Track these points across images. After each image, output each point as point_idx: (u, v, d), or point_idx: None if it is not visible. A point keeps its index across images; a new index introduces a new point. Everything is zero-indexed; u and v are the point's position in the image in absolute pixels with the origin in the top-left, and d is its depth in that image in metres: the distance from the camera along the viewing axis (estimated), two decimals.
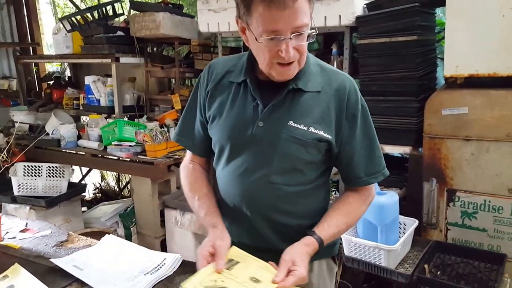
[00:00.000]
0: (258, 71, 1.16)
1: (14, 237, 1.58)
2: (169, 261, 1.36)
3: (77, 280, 1.26)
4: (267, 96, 1.13)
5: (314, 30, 1.04)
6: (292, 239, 1.19)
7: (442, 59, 2.64)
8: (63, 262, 1.34)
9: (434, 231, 2.19)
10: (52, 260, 1.35)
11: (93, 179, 4.82)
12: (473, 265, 1.96)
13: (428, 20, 2.37)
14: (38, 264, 1.36)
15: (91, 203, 4.22)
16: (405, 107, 2.30)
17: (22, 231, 1.64)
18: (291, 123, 1.11)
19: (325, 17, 2.44)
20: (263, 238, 1.22)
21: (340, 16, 2.40)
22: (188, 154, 1.35)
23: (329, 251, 1.30)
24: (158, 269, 1.33)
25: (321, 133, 1.11)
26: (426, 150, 2.16)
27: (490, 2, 1.90)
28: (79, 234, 1.64)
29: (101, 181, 4.94)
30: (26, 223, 1.71)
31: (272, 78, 1.11)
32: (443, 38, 2.65)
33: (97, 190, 4.83)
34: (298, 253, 1.08)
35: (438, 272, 1.93)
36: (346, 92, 1.12)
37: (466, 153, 2.03)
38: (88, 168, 4.48)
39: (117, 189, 4.80)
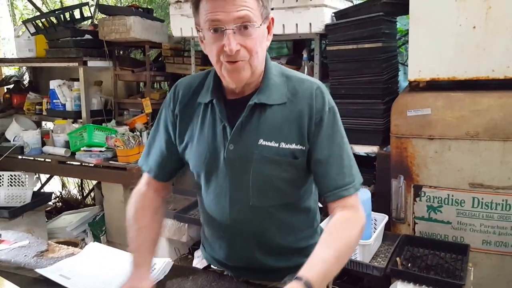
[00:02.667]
0: (226, 89, 1.13)
1: None
2: (159, 266, 1.33)
3: None
4: (235, 116, 1.08)
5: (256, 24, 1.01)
6: (283, 258, 1.19)
7: (402, 64, 2.85)
8: (48, 272, 1.30)
9: (402, 225, 2.34)
10: (37, 270, 1.31)
11: (52, 188, 4.64)
12: (440, 256, 2.09)
13: (391, 28, 2.54)
14: (20, 276, 1.30)
15: (51, 213, 4.07)
16: (372, 109, 2.44)
17: None
18: (261, 141, 1.06)
19: (296, 24, 2.56)
20: (253, 258, 1.19)
21: (310, 24, 2.52)
22: (144, 177, 1.28)
23: None
24: None
25: (293, 146, 1.06)
26: (393, 149, 2.30)
27: (449, 12, 2.07)
28: None
29: (62, 189, 4.79)
30: (0, 234, 1.63)
31: (226, 82, 1.08)
32: (403, 44, 2.86)
33: (57, 199, 4.66)
34: None
35: (409, 264, 2.03)
36: (312, 97, 1.07)
37: (430, 151, 2.19)
38: (47, 176, 4.32)
39: (80, 197, 4.67)
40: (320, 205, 1.34)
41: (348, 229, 1.05)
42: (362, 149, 2.55)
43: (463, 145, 2.11)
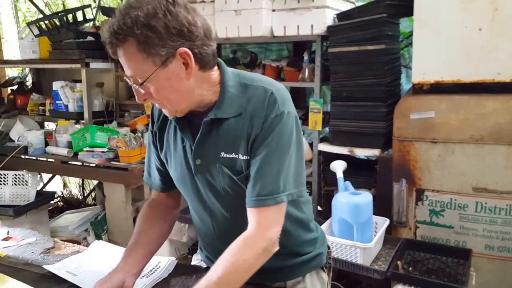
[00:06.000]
0: None
1: None
2: (164, 264, 1.33)
3: (72, 285, 1.21)
4: (196, 132, 1.04)
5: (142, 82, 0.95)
6: (277, 259, 1.07)
7: (405, 66, 2.71)
8: (56, 269, 1.28)
9: (403, 229, 2.22)
10: (44, 266, 1.29)
11: (54, 187, 4.50)
12: (441, 261, 2.00)
13: (393, 30, 2.42)
14: (28, 272, 1.29)
15: (53, 212, 3.95)
16: (374, 112, 2.32)
17: (5, 239, 1.54)
18: (222, 154, 1.02)
19: (298, 26, 2.45)
20: None
21: (312, 26, 2.41)
22: (153, 190, 1.29)
23: (317, 262, 1.21)
24: (153, 272, 1.29)
25: (248, 157, 1.01)
26: (395, 152, 2.18)
27: (454, 14, 1.95)
28: None
29: (63, 189, 4.66)
30: (8, 231, 1.61)
31: None
32: (405, 47, 2.72)
33: (58, 198, 4.53)
34: None
35: (410, 268, 1.95)
36: (264, 104, 0.99)
37: (433, 154, 2.07)
38: (49, 176, 4.21)
39: (81, 197, 4.54)
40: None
41: (242, 252, 0.97)
42: (363, 152, 2.42)
43: (467, 149, 1.99)
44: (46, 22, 3.25)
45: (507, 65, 1.89)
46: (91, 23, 3.57)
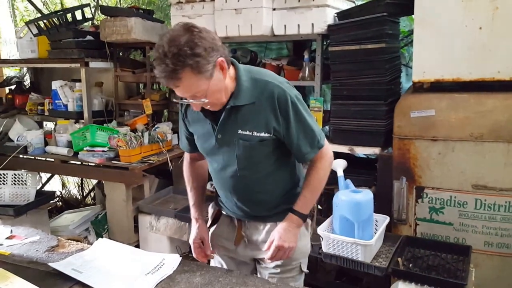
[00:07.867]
0: None
1: (1, 244, 1.50)
2: (169, 261, 1.36)
3: (78, 283, 1.23)
4: (219, 114, 1.36)
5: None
6: (274, 207, 1.50)
7: (405, 65, 2.70)
8: (61, 266, 1.30)
9: (404, 226, 2.22)
10: (50, 264, 1.31)
11: (53, 187, 4.45)
12: (441, 257, 1.99)
13: (394, 29, 2.41)
14: (33, 270, 1.32)
15: (51, 212, 3.91)
16: (374, 110, 2.31)
17: (9, 238, 1.55)
18: (239, 131, 1.36)
19: (298, 25, 2.44)
20: (250, 211, 1.51)
21: (312, 25, 2.40)
22: (185, 153, 1.66)
23: None
24: (158, 269, 1.32)
25: (261, 134, 1.35)
26: (396, 150, 2.17)
27: (455, 13, 1.95)
28: None
29: (62, 189, 4.62)
30: (11, 230, 1.62)
31: None
32: (405, 45, 2.72)
33: (57, 198, 4.49)
34: (275, 231, 1.44)
35: (410, 265, 1.94)
36: (274, 97, 1.32)
37: (433, 152, 2.07)
38: (48, 176, 4.17)
39: (80, 197, 4.50)
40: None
41: (318, 171, 1.46)
42: (363, 151, 2.41)
43: (467, 146, 1.99)
44: (45, 21, 3.21)
45: (507, 63, 1.89)
46: (90, 22, 3.54)
